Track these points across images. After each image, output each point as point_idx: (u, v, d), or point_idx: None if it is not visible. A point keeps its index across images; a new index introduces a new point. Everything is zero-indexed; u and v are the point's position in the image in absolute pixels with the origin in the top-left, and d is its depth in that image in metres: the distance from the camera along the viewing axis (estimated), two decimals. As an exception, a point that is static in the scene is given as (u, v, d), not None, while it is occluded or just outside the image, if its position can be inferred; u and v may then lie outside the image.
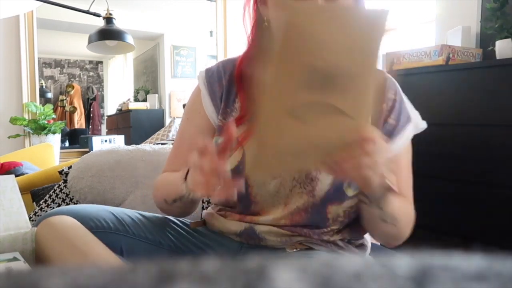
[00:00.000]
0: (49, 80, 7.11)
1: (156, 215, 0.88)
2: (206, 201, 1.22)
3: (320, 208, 0.77)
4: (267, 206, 0.80)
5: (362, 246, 0.85)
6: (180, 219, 0.91)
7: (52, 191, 1.31)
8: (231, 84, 0.84)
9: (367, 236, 0.87)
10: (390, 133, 0.77)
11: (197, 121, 0.86)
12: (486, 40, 1.79)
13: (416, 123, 0.82)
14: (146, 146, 1.36)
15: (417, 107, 0.82)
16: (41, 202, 1.30)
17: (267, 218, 0.79)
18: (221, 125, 0.83)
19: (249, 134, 0.78)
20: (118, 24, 2.44)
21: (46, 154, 2.49)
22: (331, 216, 0.78)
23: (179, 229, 0.86)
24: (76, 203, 1.27)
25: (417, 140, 0.82)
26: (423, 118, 0.83)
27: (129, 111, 5.29)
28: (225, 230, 0.84)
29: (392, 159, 0.76)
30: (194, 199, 0.74)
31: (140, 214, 0.86)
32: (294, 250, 0.78)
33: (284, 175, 0.77)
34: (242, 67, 0.82)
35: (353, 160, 0.57)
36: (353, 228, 0.82)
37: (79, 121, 6.99)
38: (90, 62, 7.42)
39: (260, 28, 0.80)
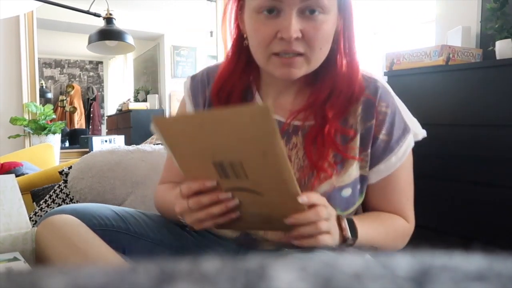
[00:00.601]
0: (49, 80, 7.11)
1: (158, 214, 0.89)
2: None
3: None
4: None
5: None
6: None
7: (52, 191, 1.31)
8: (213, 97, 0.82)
9: None
10: (383, 150, 0.73)
11: None
12: (486, 40, 1.79)
13: (416, 133, 0.77)
14: (146, 146, 1.36)
15: (417, 107, 0.81)
16: (41, 202, 1.30)
17: (260, 234, 0.78)
18: None
19: None
20: (118, 24, 2.43)
21: (46, 154, 2.49)
22: None
23: (180, 229, 0.86)
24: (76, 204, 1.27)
25: (417, 141, 0.81)
26: (423, 119, 0.82)
27: (129, 111, 5.29)
28: (222, 234, 0.83)
29: (389, 177, 0.74)
30: None
31: (142, 213, 0.86)
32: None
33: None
34: (218, 86, 0.78)
35: (300, 236, 0.61)
36: None
37: (79, 121, 6.99)
38: (90, 62, 7.42)
39: (240, 45, 0.76)
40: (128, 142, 4.47)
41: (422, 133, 0.79)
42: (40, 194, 1.41)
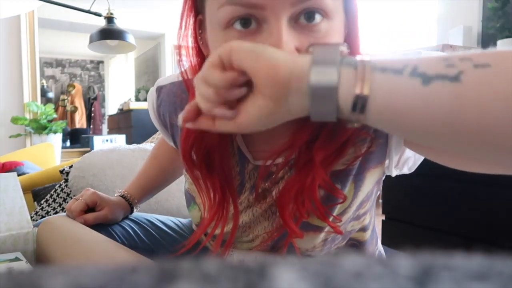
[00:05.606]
0: (50, 80, 7.12)
1: (150, 219, 0.84)
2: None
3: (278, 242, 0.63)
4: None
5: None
6: (177, 223, 0.87)
7: (53, 190, 1.31)
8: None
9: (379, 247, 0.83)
10: (389, 148, 0.60)
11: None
12: (487, 40, 1.79)
13: None
14: (147, 145, 1.36)
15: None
16: (42, 202, 1.30)
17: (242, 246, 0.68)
18: None
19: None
20: (119, 23, 2.44)
21: (47, 154, 2.49)
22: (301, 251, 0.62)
23: (175, 235, 0.83)
24: (77, 203, 1.27)
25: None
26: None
27: (130, 110, 5.30)
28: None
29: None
30: None
31: (133, 222, 0.81)
32: None
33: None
34: (188, 150, 0.55)
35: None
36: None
37: (80, 121, 7.00)
38: (91, 61, 7.43)
39: None
40: (129, 141, 4.48)
41: None
42: (41, 194, 1.41)
